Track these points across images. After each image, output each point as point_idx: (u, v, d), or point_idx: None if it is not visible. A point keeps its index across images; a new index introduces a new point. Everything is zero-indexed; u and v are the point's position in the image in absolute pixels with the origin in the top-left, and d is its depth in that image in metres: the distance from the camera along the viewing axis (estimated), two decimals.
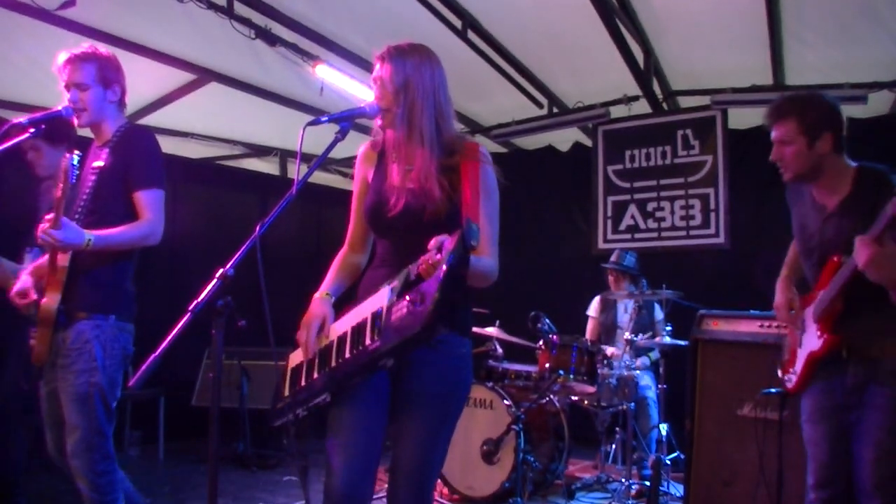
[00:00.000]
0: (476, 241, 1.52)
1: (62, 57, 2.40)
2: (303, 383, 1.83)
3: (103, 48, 2.51)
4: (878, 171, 2.17)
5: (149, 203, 2.37)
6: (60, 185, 2.16)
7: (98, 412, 2.30)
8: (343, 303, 1.90)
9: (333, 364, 1.74)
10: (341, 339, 1.75)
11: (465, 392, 1.92)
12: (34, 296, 2.40)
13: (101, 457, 2.30)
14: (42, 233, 2.18)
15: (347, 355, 1.70)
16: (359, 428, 1.78)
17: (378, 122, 1.90)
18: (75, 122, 2.46)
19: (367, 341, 1.64)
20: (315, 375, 1.79)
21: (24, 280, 2.45)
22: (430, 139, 1.81)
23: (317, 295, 1.88)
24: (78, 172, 2.29)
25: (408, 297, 1.51)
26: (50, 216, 2.19)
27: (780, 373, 2.43)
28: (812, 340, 2.21)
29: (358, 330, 1.70)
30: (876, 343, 2.08)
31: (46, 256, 2.39)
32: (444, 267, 1.45)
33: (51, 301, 2.30)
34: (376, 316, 1.64)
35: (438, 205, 1.77)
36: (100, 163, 2.39)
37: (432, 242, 1.51)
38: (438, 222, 1.77)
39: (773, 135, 2.24)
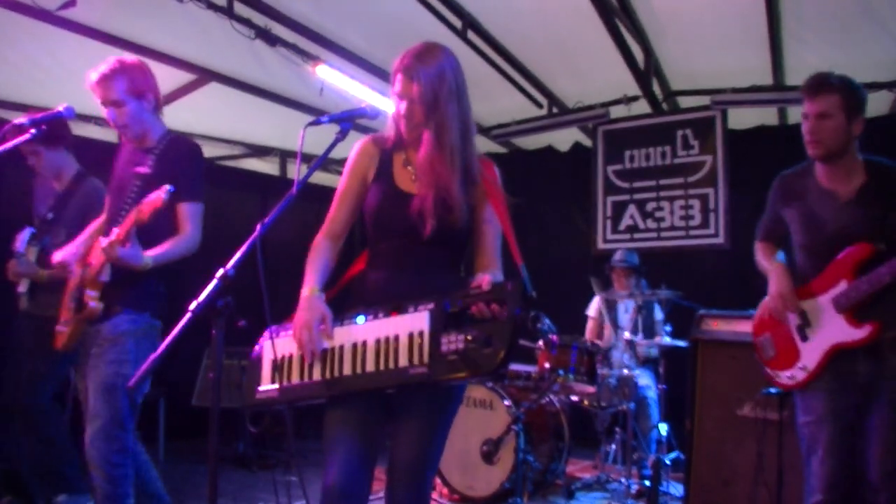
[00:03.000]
0: (532, 291, 1.57)
1: (92, 76, 2.43)
2: (296, 380, 1.78)
3: (129, 56, 2.55)
4: (887, 165, 2.20)
5: (190, 216, 2.47)
6: (148, 209, 2.19)
7: (122, 404, 2.36)
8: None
9: (349, 373, 1.70)
10: (360, 348, 1.71)
11: (462, 389, 1.93)
12: (75, 267, 2.52)
13: (119, 449, 2.35)
14: (108, 247, 2.23)
15: (371, 369, 1.66)
16: (357, 426, 1.77)
17: (393, 126, 1.90)
18: (125, 134, 2.53)
19: (404, 362, 1.62)
20: (316, 376, 1.75)
21: (67, 252, 2.58)
22: (457, 156, 1.81)
23: (307, 292, 1.80)
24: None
25: (469, 335, 1.53)
26: (118, 232, 2.24)
27: (769, 371, 2.40)
28: (839, 331, 2.17)
29: (387, 346, 1.66)
30: (882, 339, 2.09)
31: (81, 247, 2.58)
32: (511, 317, 1.49)
33: (94, 299, 2.39)
34: (414, 338, 1.62)
35: (458, 218, 1.79)
36: (144, 169, 2.45)
37: (485, 283, 1.55)
38: (455, 234, 1.80)
39: (813, 107, 2.20)
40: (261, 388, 1.84)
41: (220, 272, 1.63)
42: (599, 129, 5.73)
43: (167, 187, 2.18)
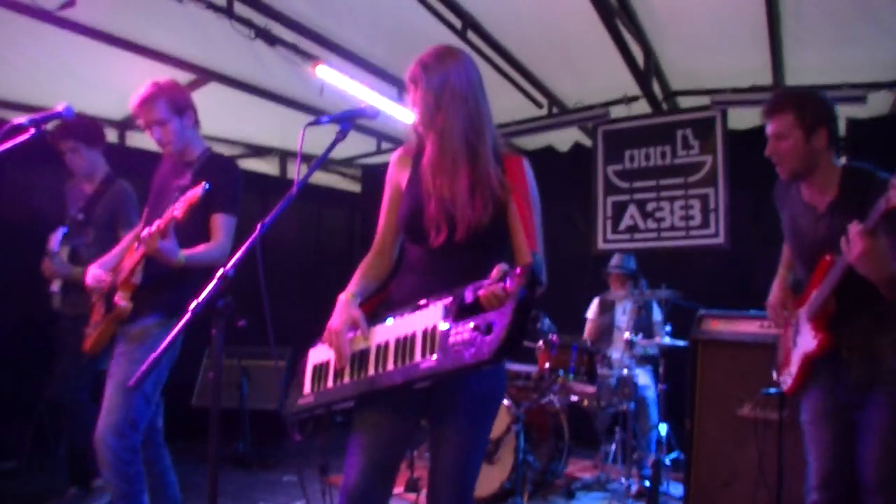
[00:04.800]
0: (544, 276, 1.53)
1: (133, 101, 2.57)
2: (330, 384, 1.82)
3: (162, 77, 2.66)
4: (864, 170, 2.18)
5: (223, 226, 2.56)
6: (184, 205, 2.24)
7: (137, 402, 2.42)
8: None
9: (372, 373, 1.72)
10: (382, 349, 1.73)
11: (502, 393, 1.95)
12: (108, 279, 2.59)
13: (128, 447, 2.40)
14: (148, 236, 2.29)
15: (391, 367, 1.68)
16: (380, 429, 1.78)
17: (415, 134, 1.91)
18: (168, 151, 2.63)
19: (418, 357, 1.62)
20: (346, 379, 1.77)
21: (97, 271, 2.65)
22: (461, 161, 1.80)
23: (343, 296, 1.83)
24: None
25: (472, 323, 1.52)
26: (159, 224, 2.30)
27: (775, 375, 2.43)
28: (807, 340, 2.21)
29: (404, 343, 1.68)
30: (877, 342, 2.09)
31: (116, 256, 2.70)
32: (515, 302, 1.46)
33: (125, 301, 2.47)
34: (427, 333, 1.63)
35: (472, 221, 1.77)
36: (185, 182, 2.54)
37: (495, 272, 1.52)
38: (478, 237, 1.79)
39: (770, 129, 2.22)
40: (302, 397, 1.89)
41: (220, 272, 1.64)
42: (599, 129, 5.72)
43: (203, 184, 2.23)
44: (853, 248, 1.90)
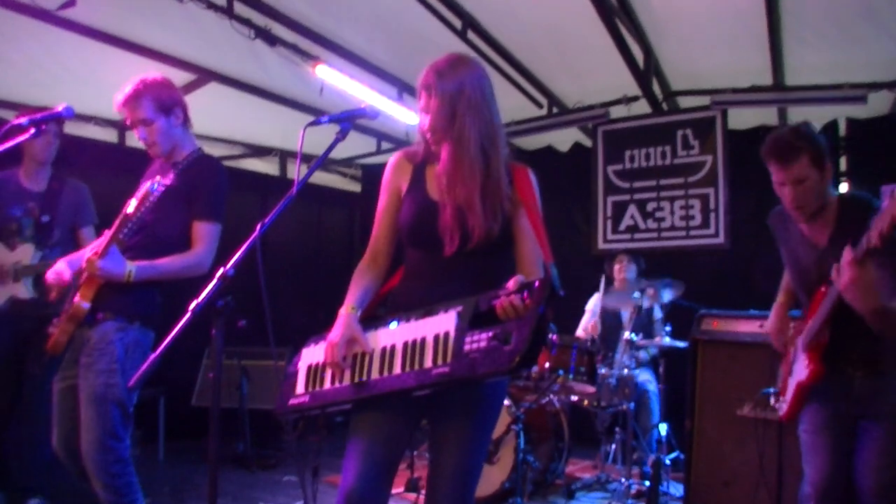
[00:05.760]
0: (560, 289, 1.54)
1: (118, 99, 2.44)
2: (328, 385, 1.79)
3: (151, 73, 2.52)
4: (860, 200, 2.18)
5: (205, 235, 2.43)
6: (137, 202, 2.19)
7: (113, 414, 2.31)
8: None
9: (376, 376, 1.70)
10: (388, 352, 1.71)
11: (504, 394, 1.94)
12: (67, 277, 2.48)
13: (115, 459, 2.31)
14: (87, 261, 2.25)
15: (398, 371, 1.66)
16: (379, 431, 1.77)
17: (422, 140, 1.90)
18: (154, 152, 2.50)
19: (429, 363, 1.61)
20: (346, 381, 1.76)
21: (61, 266, 2.53)
22: (477, 168, 1.81)
23: (343, 310, 1.82)
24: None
25: (491, 333, 1.52)
26: (95, 247, 2.25)
27: (772, 401, 2.43)
28: (800, 369, 2.21)
29: (413, 347, 1.66)
30: (883, 359, 2.09)
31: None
32: (535, 315, 1.48)
33: (84, 300, 2.35)
34: (440, 339, 1.62)
35: (483, 229, 1.77)
36: (168, 184, 2.42)
37: (512, 283, 1.54)
38: (487, 246, 1.79)
39: (786, 175, 2.14)
40: (294, 396, 1.87)
41: (220, 272, 1.64)
42: (599, 129, 5.72)
43: (157, 178, 2.15)
44: (842, 278, 1.91)
